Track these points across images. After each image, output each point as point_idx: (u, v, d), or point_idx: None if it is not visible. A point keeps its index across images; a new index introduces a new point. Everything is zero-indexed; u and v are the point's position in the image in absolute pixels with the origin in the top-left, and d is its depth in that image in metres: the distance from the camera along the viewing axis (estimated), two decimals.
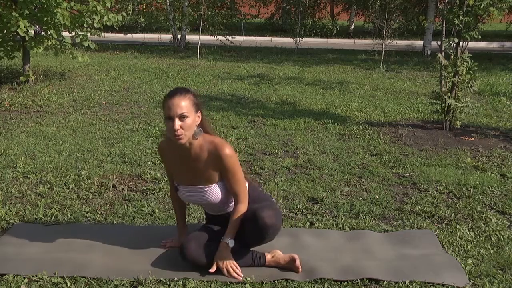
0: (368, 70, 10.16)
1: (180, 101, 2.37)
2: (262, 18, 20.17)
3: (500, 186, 3.85)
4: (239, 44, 14.61)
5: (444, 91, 5.46)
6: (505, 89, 8.00)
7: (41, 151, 4.47)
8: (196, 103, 2.44)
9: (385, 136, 5.23)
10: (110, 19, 7.45)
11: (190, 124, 2.40)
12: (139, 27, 17.71)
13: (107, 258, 2.65)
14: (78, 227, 3.05)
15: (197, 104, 2.45)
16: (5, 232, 2.96)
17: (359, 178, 3.99)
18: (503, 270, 2.64)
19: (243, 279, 2.46)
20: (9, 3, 6.99)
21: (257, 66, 10.48)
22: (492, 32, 19.70)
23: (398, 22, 12.29)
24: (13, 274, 2.48)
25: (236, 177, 2.50)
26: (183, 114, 2.36)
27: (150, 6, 14.21)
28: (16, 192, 3.56)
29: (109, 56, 11.72)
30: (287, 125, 5.57)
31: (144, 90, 7.50)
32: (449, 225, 3.15)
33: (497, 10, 5.12)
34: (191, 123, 2.40)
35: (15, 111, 6.05)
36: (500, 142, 5.09)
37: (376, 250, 2.78)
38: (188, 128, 2.39)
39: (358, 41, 17.51)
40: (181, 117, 2.37)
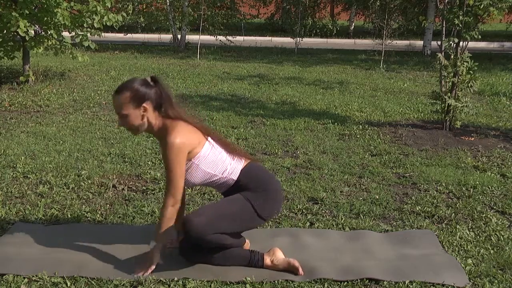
0: (368, 70, 10.16)
1: (116, 100, 2.43)
2: (262, 18, 20.17)
3: (500, 186, 3.85)
4: (239, 44, 14.62)
5: (444, 91, 5.46)
6: (505, 89, 8.00)
7: (41, 151, 4.47)
8: (137, 96, 2.40)
9: (385, 136, 5.23)
10: (110, 19, 7.45)
11: (132, 120, 2.43)
12: (139, 27, 17.71)
13: (107, 258, 2.65)
14: (78, 227, 3.05)
15: (139, 97, 2.41)
16: (5, 232, 2.96)
17: (359, 178, 3.99)
18: (503, 270, 2.64)
19: (243, 279, 2.46)
20: (9, 3, 6.99)
21: (257, 66, 10.48)
22: (492, 32, 19.71)
23: (398, 22, 12.29)
24: (13, 274, 2.48)
25: (169, 167, 2.37)
26: (120, 113, 2.43)
27: (150, 6, 14.22)
28: (16, 192, 3.56)
29: (109, 56, 11.72)
30: (287, 125, 5.57)
31: None
32: (449, 225, 3.15)
33: (497, 10, 5.12)
34: (132, 119, 2.43)
35: (15, 111, 6.05)
36: (500, 142, 5.09)
37: (376, 250, 2.78)
38: (131, 124, 2.44)
39: (358, 41, 17.52)
40: (121, 116, 2.44)
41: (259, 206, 2.51)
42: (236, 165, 2.56)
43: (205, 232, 2.38)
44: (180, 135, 2.38)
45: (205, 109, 6.29)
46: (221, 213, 2.45)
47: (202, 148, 2.47)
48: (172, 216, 2.44)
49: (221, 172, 2.52)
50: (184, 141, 2.38)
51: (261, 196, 2.52)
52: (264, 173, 2.62)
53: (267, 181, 2.58)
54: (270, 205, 2.56)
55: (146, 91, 2.43)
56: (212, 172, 2.50)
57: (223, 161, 2.53)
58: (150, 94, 2.44)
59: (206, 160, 2.48)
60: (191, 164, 2.46)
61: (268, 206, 2.55)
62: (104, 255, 2.67)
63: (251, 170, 2.58)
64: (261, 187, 2.54)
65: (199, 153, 2.46)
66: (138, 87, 2.43)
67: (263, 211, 2.53)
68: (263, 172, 2.63)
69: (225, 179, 2.54)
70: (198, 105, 6.56)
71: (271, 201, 2.56)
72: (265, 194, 2.53)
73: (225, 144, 2.61)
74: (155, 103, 2.46)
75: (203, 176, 2.50)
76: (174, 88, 7.71)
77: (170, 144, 2.36)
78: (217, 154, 2.52)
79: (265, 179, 2.58)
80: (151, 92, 2.45)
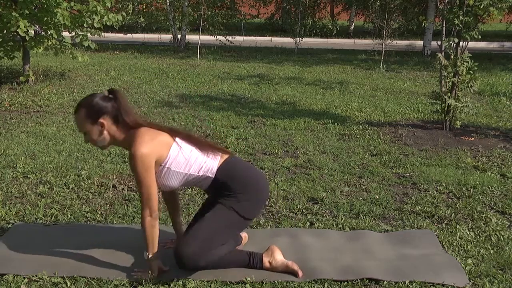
0: (368, 70, 10.16)
1: (75, 119, 2.46)
2: (262, 18, 20.17)
3: (500, 186, 3.85)
4: (239, 44, 14.62)
5: (444, 91, 5.46)
6: (505, 89, 8.00)
7: (41, 151, 4.47)
8: (92, 112, 2.39)
9: (385, 136, 5.23)
10: (110, 19, 7.45)
11: (92, 135, 2.44)
12: (139, 27, 17.71)
13: (107, 258, 2.65)
14: (78, 227, 3.05)
15: (94, 113, 2.39)
16: (5, 232, 2.96)
17: (359, 178, 3.99)
18: (503, 270, 2.64)
19: (243, 279, 2.46)
20: (9, 3, 6.99)
21: (257, 66, 10.48)
22: (492, 32, 19.71)
23: (398, 22, 12.29)
24: (13, 274, 2.48)
25: (138, 178, 2.32)
26: (81, 131, 2.46)
27: (150, 6, 14.21)
28: (16, 192, 3.56)
29: (109, 56, 11.72)
30: (287, 125, 5.57)
31: (144, 90, 7.50)
32: (449, 225, 3.15)
33: (497, 10, 5.12)
34: (92, 135, 2.44)
35: (15, 111, 6.05)
36: (500, 142, 5.09)
37: (376, 250, 2.78)
38: (93, 140, 2.45)
39: (358, 41, 17.51)
40: (83, 133, 2.47)
41: (243, 210, 2.46)
42: (211, 162, 2.48)
43: (198, 260, 2.37)
44: (143, 144, 2.32)
45: (205, 109, 6.29)
46: (208, 233, 2.41)
47: (169, 151, 2.40)
48: (153, 224, 2.38)
49: (196, 171, 2.45)
50: (148, 150, 2.32)
51: (242, 198, 2.46)
52: (242, 168, 2.55)
53: (246, 176, 2.52)
54: (253, 204, 2.50)
55: (101, 106, 2.39)
56: (186, 172, 2.44)
57: (196, 159, 2.45)
58: (106, 108, 2.40)
59: (177, 161, 2.41)
60: (163, 169, 2.41)
61: (251, 205, 2.49)
62: (104, 255, 2.67)
63: (228, 167, 2.51)
64: (241, 185, 2.47)
65: (168, 156, 2.39)
66: (93, 104, 2.39)
67: (249, 213, 2.50)
68: (242, 168, 2.55)
69: (203, 178, 2.47)
70: (198, 105, 6.56)
71: (254, 198, 2.50)
72: (246, 193, 2.48)
73: (196, 142, 2.52)
74: (113, 116, 2.40)
75: (179, 177, 2.45)
76: (174, 88, 7.71)
77: (134, 155, 2.30)
78: (188, 153, 2.45)
79: (244, 175, 2.52)
80: (108, 106, 2.40)
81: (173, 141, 2.44)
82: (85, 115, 2.40)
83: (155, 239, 2.43)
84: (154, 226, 2.40)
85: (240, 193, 2.47)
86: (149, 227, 2.39)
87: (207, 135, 5.11)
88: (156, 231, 2.42)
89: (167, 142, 2.42)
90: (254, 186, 2.52)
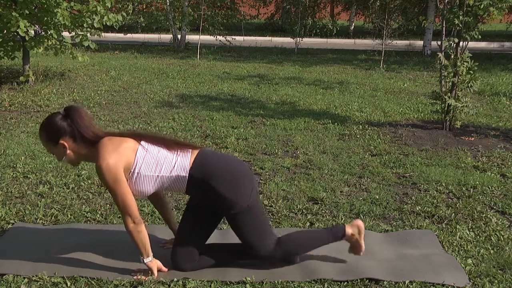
0: (368, 70, 10.16)
1: (41, 143, 2.47)
2: (262, 18, 20.17)
3: (500, 186, 3.85)
4: (239, 44, 14.61)
5: (444, 91, 5.46)
6: (505, 89, 8.00)
7: (41, 151, 4.47)
8: (51, 135, 2.39)
9: (385, 136, 5.23)
10: (110, 19, 7.45)
11: (59, 157, 2.44)
12: (139, 27, 17.71)
13: (107, 258, 2.65)
14: (78, 227, 3.05)
15: (53, 135, 2.39)
16: (5, 232, 2.96)
17: (359, 178, 3.99)
18: (503, 270, 2.64)
19: (243, 279, 2.46)
20: (9, 3, 6.99)
21: (257, 66, 10.48)
22: (492, 32, 19.71)
23: (398, 22, 12.29)
24: (13, 274, 2.48)
25: (111, 190, 2.31)
26: (49, 153, 2.49)
27: (150, 6, 14.22)
28: (16, 192, 3.56)
29: (109, 56, 11.72)
30: (287, 125, 5.57)
31: (144, 90, 7.50)
32: (449, 225, 3.15)
33: (497, 10, 5.12)
34: (58, 155, 2.44)
35: (15, 111, 6.05)
36: (500, 142, 5.09)
37: (376, 250, 2.78)
38: (61, 158, 2.45)
39: (358, 41, 17.51)
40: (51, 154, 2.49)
41: (243, 202, 2.42)
42: (182, 160, 2.42)
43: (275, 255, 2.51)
44: (107, 155, 2.30)
45: (205, 109, 6.29)
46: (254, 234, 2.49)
47: (136, 155, 2.37)
48: (139, 230, 2.37)
49: (167, 171, 2.40)
50: (113, 160, 2.29)
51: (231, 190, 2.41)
52: (215, 158, 2.49)
53: (221, 166, 2.46)
54: (242, 190, 2.44)
55: (58, 127, 2.38)
56: (158, 174, 2.39)
57: (165, 159, 2.41)
58: (63, 128, 2.38)
59: (145, 164, 2.38)
60: (133, 175, 2.37)
61: (240, 191, 2.43)
62: (104, 255, 2.67)
63: (201, 162, 2.44)
64: (221, 178, 2.41)
65: (135, 161, 2.36)
66: (50, 126, 2.39)
67: (247, 198, 2.44)
68: (214, 158, 2.49)
69: (177, 178, 2.42)
70: (198, 105, 6.56)
71: (241, 183, 2.44)
72: (231, 184, 2.42)
73: (162, 141, 2.47)
74: (71, 135, 2.39)
75: (151, 181, 2.40)
76: (174, 88, 7.71)
77: (100, 167, 2.29)
78: (155, 154, 2.40)
79: (218, 165, 2.45)
80: (64, 125, 2.38)
81: (138, 145, 2.40)
82: (46, 139, 2.41)
83: (145, 243, 2.41)
84: (141, 231, 2.38)
85: (222, 185, 2.40)
86: (136, 233, 2.37)
87: (207, 135, 5.11)
88: (144, 235, 2.40)
89: (132, 147, 2.38)
90: (233, 173, 2.45)
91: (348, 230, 2.60)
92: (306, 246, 2.60)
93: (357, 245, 2.62)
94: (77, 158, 2.45)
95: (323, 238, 2.61)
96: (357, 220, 2.65)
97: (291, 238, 2.58)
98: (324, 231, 2.64)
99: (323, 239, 2.61)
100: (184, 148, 2.48)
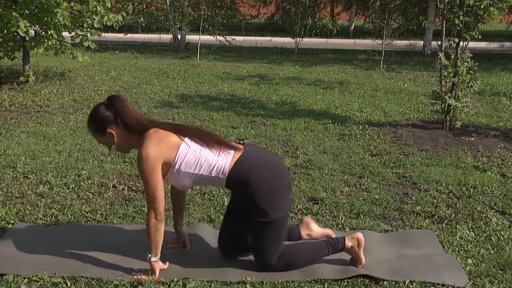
0: (368, 70, 10.16)
1: (90, 134, 2.56)
2: (262, 18, 20.16)
3: (500, 186, 3.85)
4: (239, 44, 14.61)
5: (444, 91, 5.46)
6: (505, 89, 8.00)
7: (41, 151, 4.47)
8: (98, 125, 2.46)
9: (385, 136, 5.23)
10: (110, 19, 7.45)
11: (109, 144, 2.50)
12: (139, 27, 17.70)
13: (107, 258, 2.65)
14: (78, 227, 3.05)
15: (100, 125, 2.46)
16: (5, 232, 2.96)
17: (359, 178, 3.99)
18: (503, 270, 2.64)
19: (243, 279, 2.46)
20: (9, 3, 6.98)
21: (257, 66, 10.48)
22: (492, 32, 19.71)
23: (398, 22, 12.28)
24: (13, 274, 2.48)
25: (145, 180, 2.36)
26: (99, 143, 2.58)
27: (150, 6, 14.21)
28: (16, 192, 3.56)
29: (109, 56, 11.72)
30: (287, 125, 5.57)
31: (144, 90, 7.50)
32: (449, 225, 3.15)
33: (497, 10, 5.12)
34: (107, 145, 2.51)
35: (15, 111, 6.05)
36: (500, 142, 5.09)
37: (376, 250, 2.78)
38: (111, 147, 2.51)
39: (358, 41, 17.51)
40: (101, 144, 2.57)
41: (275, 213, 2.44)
42: (222, 162, 2.42)
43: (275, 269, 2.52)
44: (149, 147, 2.34)
45: (205, 109, 6.29)
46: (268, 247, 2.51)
47: (178, 152, 2.39)
48: (158, 227, 2.40)
49: (207, 171, 2.42)
50: (154, 152, 2.34)
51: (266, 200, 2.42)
52: (255, 165, 2.45)
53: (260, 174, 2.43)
54: (279, 197, 2.47)
55: (104, 117, 2.44)
56: (197, 173, 2.42)
57: (206, 159, 2.41)
58: (109, 117, 2.44)
59: (186, 162, 2.40)
60: (173, 169, 2.41)
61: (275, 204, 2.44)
62: (104, 255, 2.67)
63: (241, 168, 2.42)
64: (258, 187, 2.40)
65: (177, 157, 2.39)
66: (96, 117, 2.46)
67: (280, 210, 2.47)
68: (255, 167, 2.45)
69: (215, 178, 2.43)
70: (198, 105, 6.56)
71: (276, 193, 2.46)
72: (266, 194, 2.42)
73: (205, 140, 2.46)
74: (116, 123, 2.44)
75: (190, 177, 2.44)
76: (174, 88, 7.71)
77: (140, 156, 2.33)
78: (197, 153, 2.41)
79: (257, 174, 2.43)
80: (109, 114, 2.44)
81: (181, 142, 2.42)
82: (94, 129, 2.50)
83: (159, 242, 2.44)
84: (159, 229, 2.41)
85: (258, 195, 2.41)
86: (154, 230, 2.40)
87: None
88: (160, 234, 2.42)
89: (175, 142, 2.41)
90: (272, 187, 2.45)
91: (348, 243, 2.60)
92: (306, 258, 2.60)
93: (357, 258, 2.62)
94: (125, 146, 2.51)
95: (323, 248, 2.61)
96: (357, 233, 2.64)
97: (291, 249, 2.57)
98: (324, 243, 2.63)
99: (323, 249, 2.61)
100: (227, 148, 2.47)
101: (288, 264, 2.54)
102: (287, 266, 2.54)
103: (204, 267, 2.57)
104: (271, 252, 2.50)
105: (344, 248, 2.61)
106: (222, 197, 3.52)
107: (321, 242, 2.65)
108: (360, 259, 2.60)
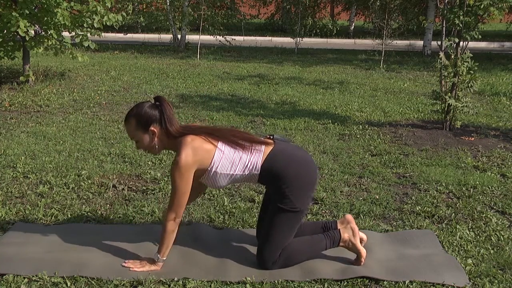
0: (368, 70, 10.16)
1: (126, 128, 2.57)
2: (262, 18, 20.16)
3: (500, 186, 3.85)
4: (239, 44, 14.62)
5: (445, 91, 5.46)
6: (505, 89, 8.00)
7: (41, 151, 4.47)
8: (142, 121, 2.50)
9: (385, 136, 5.23)
10: (110, 19, 7.45)
11: (144, 143, 2.54)
12: (139, 27, 17.70)
13: (107, 258, 2.65)
14: (78, 227, 3.05)
15: (144, 122, 2.50)
16: (5, 232, 2.96)
17: (359, 178, 3.99)
18: (503, 270, 2.64)
19: (243, 279, 2.46)
20: (9, 3, 6.99)
21: (257, 66, 10.48)
22: (492, 32, 19.71)
23: (398, 22, 12.28)
24: (13, 274, 2.48)
25: (174, 184, 2.44)
26: (132, 139, 2.58)
27: (150, 6, 14.20)
28: (16, 192, 3.56)
29: (109, 56, 11.72)
30: (287, 125, 5.57)
31: (144, 90, 7.50)
32: (449, 225, 3.15)
33: (497, 10, 5.12)
34: (143, 142, 2.54)
35: (15, 111, 6.05)
36: (500, 142, 5.09)
37: (376, 250, 2.78)
38: (145, 146, 2.55)
39: (358, 41, 17.51)
40: (134, 141, 2.58)
41: (296, 203, 2.51)
42: (255, 158, 2.53)
43: (273, 264, 2.54)
44: (186, 154, 2.42)
45: (205, 109, 6.29)
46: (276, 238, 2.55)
47: (213, 157, 2.48)
48: (174, 229, 2.50)
49: (241, 170, 2.53)
50: (190, 160, 2.42)
51: (292, 191, 2.50)
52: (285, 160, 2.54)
53: (290, 167, 2.52)
54: (304, 191, 2.54)
55: (150, 115, 2.50)
56: (233, 173, 2.53)
57: (240, 159, 2.52)
58: (155, 116, 2.51)
59: (221, 165, 2.50)
60: (209, 173, 2.51)
61: (302, 193, 2.53)
62: (104, 255, 2.67)
63: (271, 162, 2.52)
64: (287, 178, 2.50)
65: (212, 163, 2.49)
66: (142, 113, 2.51)
67: (302, 203, 2.54)
68: (284, 159, 2.54)
69: (249, 175, 2.55)
70: (198, 105, 6.56)
71: (303, 186, 2.54)
72: (294, 185, 2.51)
73: (237, 144, 2.55)
74: (162, 123, 2.51)
75: (226, 177, 2.54)
76: (174, 88, 7.71)
77: (176, 164, 2.41)
78: (232, 155, 2.52)
79: (287, 167, 2.52)
80: (156, 114, 2.51)
81: (215, 148, 2.50)
82: (136, 125, 2.52)
83: (170, 244, 2.54)
84: (174, 232, 2.51)
85: (288, 187, 2.50)
86: (169, 231, 2.49)
87: None
88: (173, 237, 2.53)
89: (210, 149, 2.49)
90: (299, 176, 2.54)
91: (344, 234, 2.64)
92: (305, 252, 2.62)
93: (356, 251, 2.62)
94: (160, 146, 2.57)
95: (321, 240, 2.64)
96: (346, 215, 2.73)
97: (291, 242, 2.59)
98: (322, 235, 2.68)
99: (321, 241, 2.64)
100: (258, 145, 2.57)
101: (288, 258, 2.56)
102: (287, 260, 2.56)
103: (204, 267, 2.58)
104: (277, 245, 2.53)
105: (341, 239, 2.63)
106: (222, 197, 3.53)
107: (319, 234, 2.69)
108: (359, 251, 2.61)
